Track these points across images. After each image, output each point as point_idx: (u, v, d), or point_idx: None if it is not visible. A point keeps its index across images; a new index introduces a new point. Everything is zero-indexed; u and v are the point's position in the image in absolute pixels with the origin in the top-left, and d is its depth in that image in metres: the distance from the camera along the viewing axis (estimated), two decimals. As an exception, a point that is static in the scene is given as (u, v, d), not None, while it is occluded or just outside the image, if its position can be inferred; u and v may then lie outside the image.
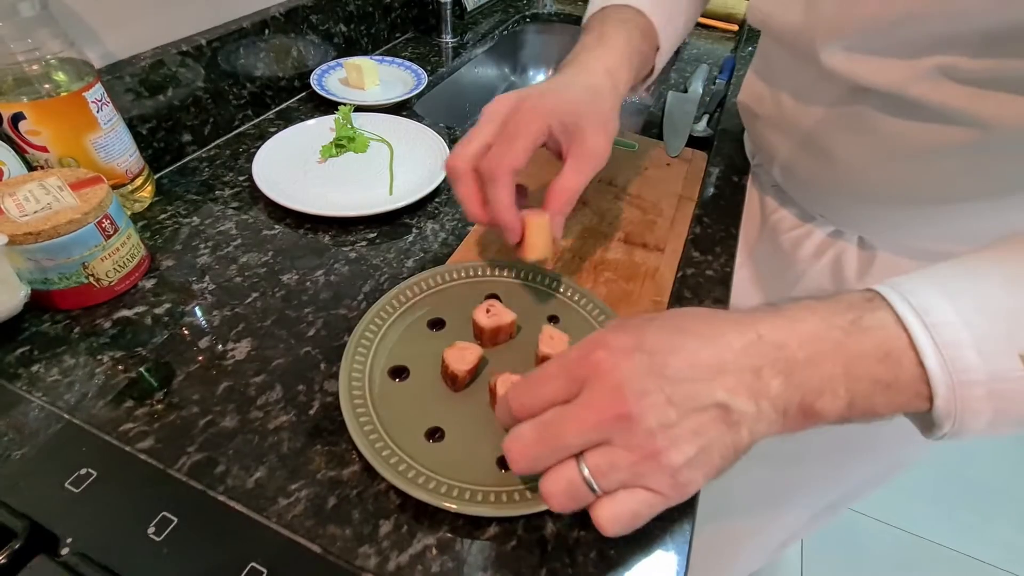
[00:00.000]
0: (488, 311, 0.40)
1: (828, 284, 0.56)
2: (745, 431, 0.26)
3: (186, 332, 0.41)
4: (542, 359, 0.38)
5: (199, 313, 0.43)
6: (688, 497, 0.27)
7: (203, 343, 0.41)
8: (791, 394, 0.26)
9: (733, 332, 0.27)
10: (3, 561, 0.27)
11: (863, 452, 0.64)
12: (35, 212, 0.38)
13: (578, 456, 0.26)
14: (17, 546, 0.28)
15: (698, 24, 1.08)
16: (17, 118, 0.41)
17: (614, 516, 0.26)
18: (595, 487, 0.26)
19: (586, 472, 0.26)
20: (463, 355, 0.37)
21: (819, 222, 0.56)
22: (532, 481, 0.33)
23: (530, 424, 0.28)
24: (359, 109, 0.66)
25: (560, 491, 0.27)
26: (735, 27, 1.06)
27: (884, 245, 0.53)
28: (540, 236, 0.35)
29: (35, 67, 0.41)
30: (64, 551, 0.29)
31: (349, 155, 0.61)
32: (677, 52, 0.98)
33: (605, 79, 0.43)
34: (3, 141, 0.43)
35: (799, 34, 0.43)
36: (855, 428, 0.66)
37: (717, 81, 0.85)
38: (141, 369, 0.39)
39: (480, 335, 0.40)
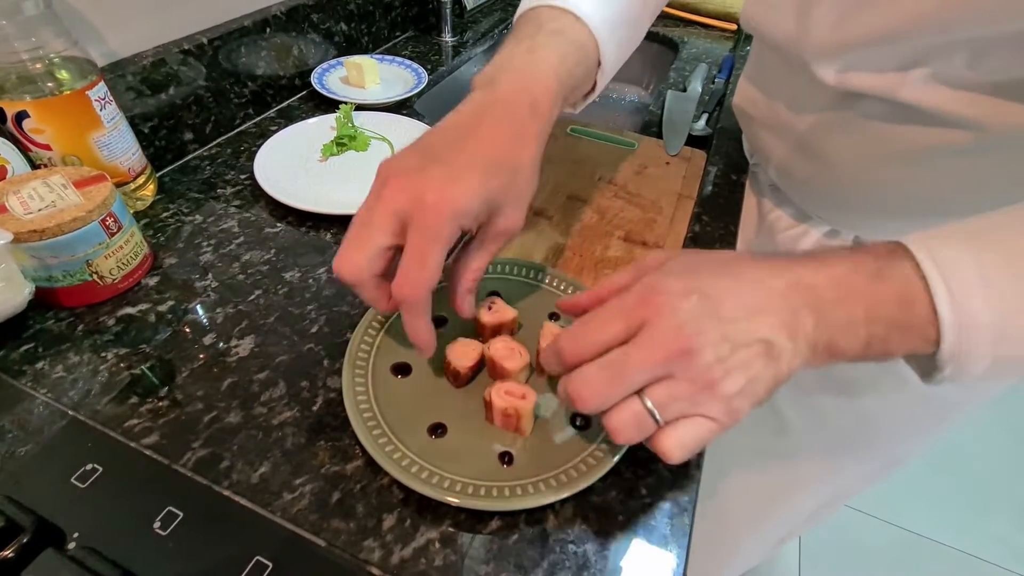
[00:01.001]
0: (490, 308, 0.40)
1: None
2: (784, 364, 0.29)
3: (189, 329, 0.42)
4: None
5: (202, 310, 0.43)
6: (737, 423, 0.29)
7: (206, 340, 0.41)
8: (820, 333, 0.29)
9: (775, 276, 0.29)
10: (10, 555, 0.28)
11: (860, 449, 0.65)
12: (39, 210, 0.38)
13: (639, 392, 0.29)
14: (25, 540, 0.28)
15: (697, 23, 1.08)
16: (21, 116, 0.42)
17: (679, 443, 0.29)
18: (658, 418, 0.28)
19: (649, 404, 0.28)
20: (466, 351, 0.38)
21: (815, 222, 0.56)
22: (534, 476, 0.33)
23: (596, 365, 0.29)
24: (360, 108, 0.66)
25: (627, 424, 0.29)
26: (734, 26, 1.07)
27: None
28: (528, 419, 0.35)
29: (38, 65, 0.41)
30: (71, 545, 0.29)
31: (350, 153, 0.61)
32: (676, 51, 0.98)
33: (528, 119, 0.35)
34: (7, 139, 0.43)
35: (791, 44, 0.44)
36: (851, 426, 0.67)
37: (716, 80, 0.85)
38: (145, 366, 0.39)
39: (482, 332, 0.40)
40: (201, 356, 0.40)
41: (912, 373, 0.56)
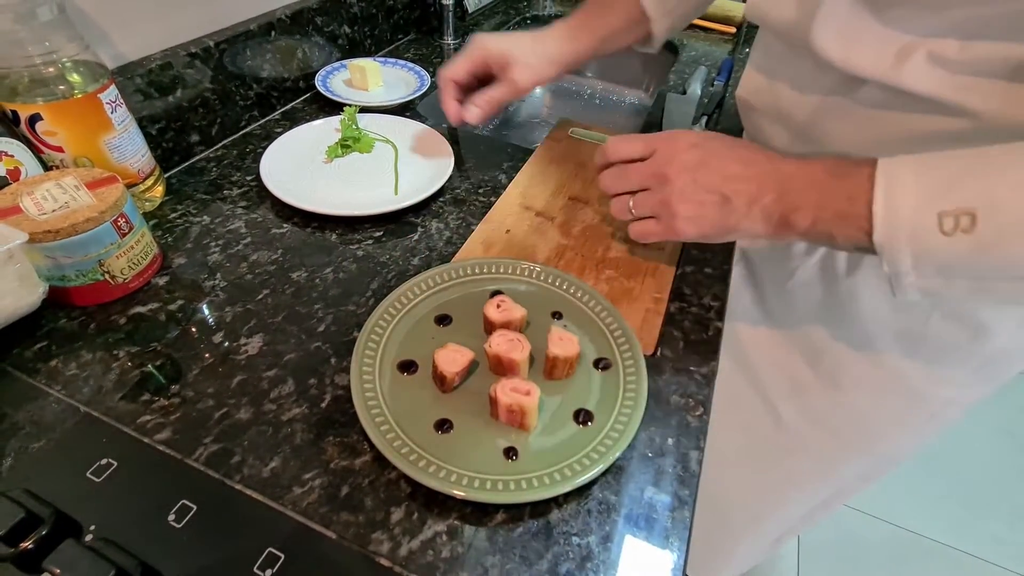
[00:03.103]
0: (499, 306, 0.41)
1: (818, 281, 0.57)
2: (733, 220, 0.41)
3: (199, 328, 0.43)
4: (552, 359, 0.39)
5: (211, 309, 0.44)
6: (679, 236, 0.44)
7: (216, 338, 0.42)
8: (776, 207, 0.39)
9: (763, 163, 0.41)
10: (30, 546, 0.28)
11: (854, 447, 0.66)
12: (53, 211, 0.39)
13: (632, 193, 0.46)
14: (44, 532, 0.29)
15: (696, 26, 1.09)
16: (34, 119, 0.42)
17: (639, 230, 0.46)
18: (632, 213, 0.46)
19: (631, 203, 0.46)
20: (454, 357, 0.38)
21: None
22: (538, 470, 0.34)
23: (618, 168, 0.47)
24: (363, 110, 0.67)
25: (620, 209, 0.47)
26: (732, 29, 1.08)
27: None
28: (532, 415, 0.36)
29: (51, 69, 0.42)
30: (87, 538, 0.30)
31: (354, 155, 0.62)
32: (676, 54, 0.99)
33: (563, 38, 0.58)
34: (21, 141, 0.44)
35: (793, 26, 0.45)
36: (845, 424, 0.68)
37: (715, 83, 0.86)
38: (156, 364, 0.40)
39: (491, 330, 0.41)
40: (211, 354, 0.41)
41: (906, 371, 0.57)
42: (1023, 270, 0.32)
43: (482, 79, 0.59)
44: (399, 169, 0.61)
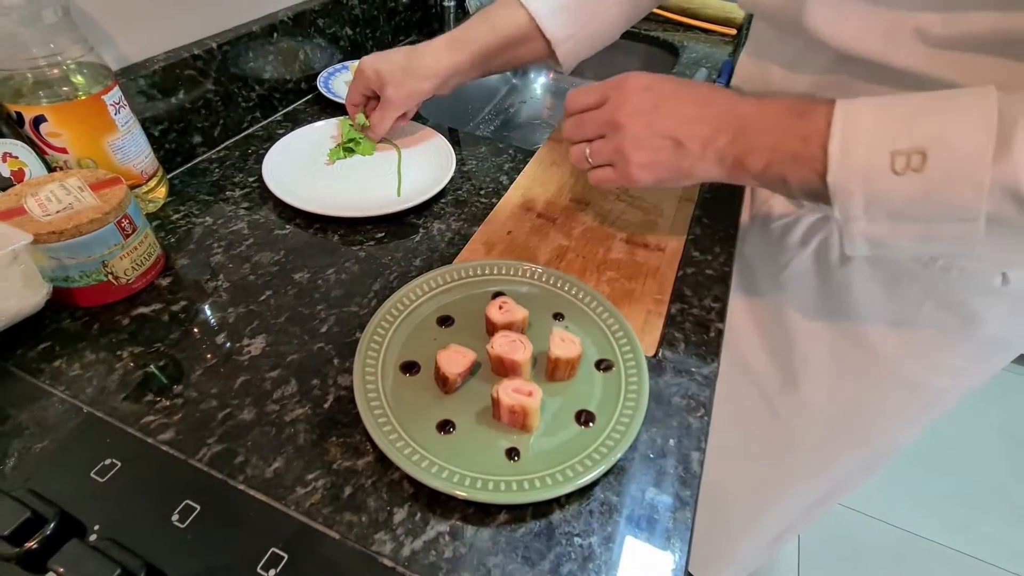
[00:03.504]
0: (501, 308, 0.41)
1: (812, 271, 0.57)
2: (687, 163, 0.41)
3: (202, 329, 0.43)
4: (554, 361, 0.39)
5: (214, 310, 0.44)
6: (634, 182, 0.44)
7: (219, 339, 0.42)
8: (731, 150, 0.39)
9: (718, 103, 0.40)
10: (35, 546, 0.29)
11: (850, 438, 0.66)
12: (57, 212, 0.39)
13: (589, 141, 0.45)
14: (48, 532, 0.29)
15: (696, 28, 1.10)
16: (39, 120, 0.43)
17: (596, 178, 0.46)
18: (589, 161, 0.45)
19: (587, 151, 0.45)
20: (456, 358, 0.38)
21: (806, 210, 0.57)
22: (540, 471, 0.34)
23: (576, 117, 0.46)
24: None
25: (578, 157, 0.46)
26: (733, 31, 1.08)
27: None
28: (534, 416, 0.36)
29: (55, 71, 0.42)
30: (92, 537, 0.30)
31: (356, 157, 0.62)
32: (677, 56, 0.99)
33: (441, 50, 0.58)
34: (25, 143, 0.44)
35: (784, 8, 0.46)
36: (841, 415, 0.68)
37: (716, 84, 0.86)
38: (159, 364, 0.40)
39: (493, 331, 0.41)
40: (214, 355, 0.41)
41: (900, 360, 0.57)
42: (968, 210, 0.32)
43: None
44: (401, 171, 0.61)
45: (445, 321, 0.44)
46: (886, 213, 0.34)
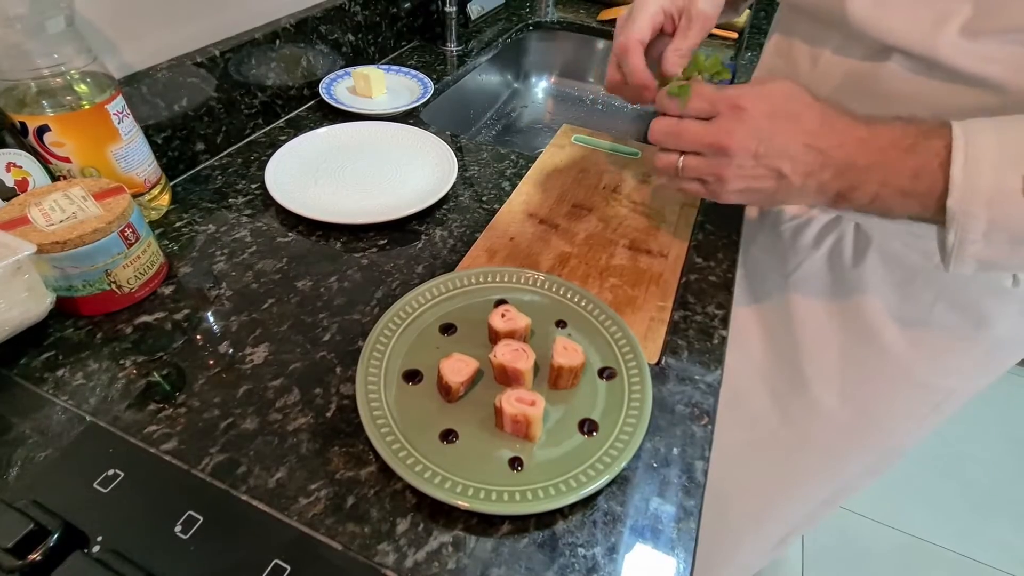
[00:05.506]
0: (503, 315, 0.41)
1: (824, 272, 0.57)
2: (783, 194, 0.40)
3: (205, 337, 0.43)
4: (556, 369, 0.39)
5: (217, 319, 0.44)
6: (721, 201, 0.43)
7: (221, 348, 0.42)
8: (834, 184, 0.38)
9: (829, 137, 0.38)
10: (38, 558, 0.29)
11: (861, 441, 0.66)
12: (60, 222, 0.39)
13: (682, 152, 0.42)
14: (52, 543, 0.29)
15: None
16: (42, 130, 0.43)
17: (682, 188, 0.44)
18: (680, 173, 0.43)
19: (680, 163, 0.42)
20: (459, 367, 0.38)
21: (820, 209, 0.57)
22: (543, 481, 0.34)
23: (673, 120, 0.42)
24: (367, 118, 0.68)
25: (665, 166, 0.43)
26: (735, 35, 1.08)
27: (881, 231, 0.53)
28: (537, 426, 0.36)
29: (59, 81, 0.43)
30: (95, 549, 0.30)
31: (359, 163, 0.63)
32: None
33: None
34: (28, 152, 0.44)
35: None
36: (849, 417, 0.68)
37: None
38: (162, 373, 0.40)
39: (495, 339, 0.41)
40: (216, 363, 0.41)
41: (911, 361, 0.57)
42: None
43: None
44: (403, 177, 0.61)
45: (447, 329, 0.43)
46: (1008, 237, 0.33)
